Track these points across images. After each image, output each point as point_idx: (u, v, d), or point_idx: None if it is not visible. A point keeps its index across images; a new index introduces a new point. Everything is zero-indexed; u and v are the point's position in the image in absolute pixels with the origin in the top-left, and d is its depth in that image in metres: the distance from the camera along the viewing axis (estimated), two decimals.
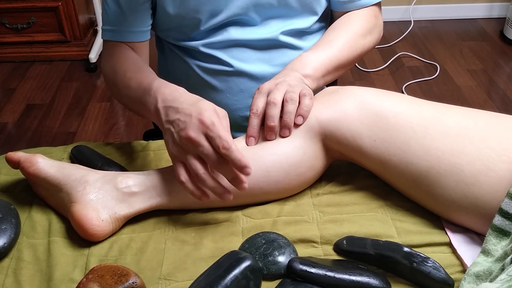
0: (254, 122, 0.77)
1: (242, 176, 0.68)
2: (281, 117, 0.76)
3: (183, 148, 0.69)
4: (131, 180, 0.74)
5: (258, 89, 0.80)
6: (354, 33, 0.93)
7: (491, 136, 0.68)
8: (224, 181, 0.70)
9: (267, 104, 0.76)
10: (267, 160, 0.74)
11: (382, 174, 0.75)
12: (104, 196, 0.72)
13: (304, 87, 0.79)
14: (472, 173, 0.66)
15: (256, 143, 0.76)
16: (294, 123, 0.75)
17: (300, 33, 0.97)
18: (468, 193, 0.66)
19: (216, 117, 0.69)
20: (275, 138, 0.75)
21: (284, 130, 0.75)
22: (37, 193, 0.79)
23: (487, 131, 0.68)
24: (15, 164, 0.77)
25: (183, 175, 0.69)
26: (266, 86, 0.79)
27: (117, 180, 0.73)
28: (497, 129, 0.69)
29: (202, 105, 0.71)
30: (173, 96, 0.74)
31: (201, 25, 0.92)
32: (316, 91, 0.83)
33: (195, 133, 0.68)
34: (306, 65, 0.85)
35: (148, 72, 0.85)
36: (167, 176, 0.75)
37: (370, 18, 0.96)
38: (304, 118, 0.75)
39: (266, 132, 0.75)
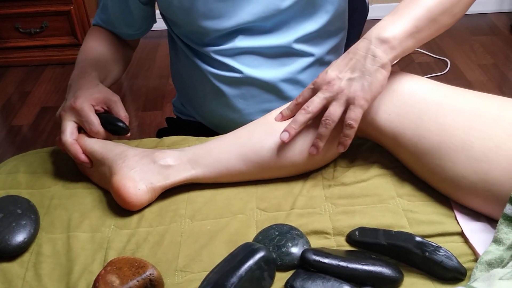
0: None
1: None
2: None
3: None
4: (167, 155, 0.79)
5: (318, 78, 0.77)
6: None
7: (503, 118, 0.69)
8: None
9: (300, 110, 0.76)
10: None
11: (395, 149, 0.77)
12: (142, 168, 0.77)
13: (365, 81, 0.72)
14: (482, 149, 0.68)
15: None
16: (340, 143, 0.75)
17: (312, 38, 0.96)
18: (477, 168, 0.68)
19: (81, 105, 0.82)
20: (317, 153, 0.76)
21: (339, 146, 0.76)
22: (83, 172, 0.85)
23: (499, 113, 0.70)
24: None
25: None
26: (320, 77, 0.75)
27: (154, 155, 0.79)
28: (510, 112, 0.70)
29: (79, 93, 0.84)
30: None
31: (211, 32, 0.93)
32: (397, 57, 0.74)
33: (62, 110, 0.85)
34: (385, 29, 0.74)
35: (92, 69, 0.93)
36: (201, 151, 0.80)
37: None
38: (344, 145, 0.75)
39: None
